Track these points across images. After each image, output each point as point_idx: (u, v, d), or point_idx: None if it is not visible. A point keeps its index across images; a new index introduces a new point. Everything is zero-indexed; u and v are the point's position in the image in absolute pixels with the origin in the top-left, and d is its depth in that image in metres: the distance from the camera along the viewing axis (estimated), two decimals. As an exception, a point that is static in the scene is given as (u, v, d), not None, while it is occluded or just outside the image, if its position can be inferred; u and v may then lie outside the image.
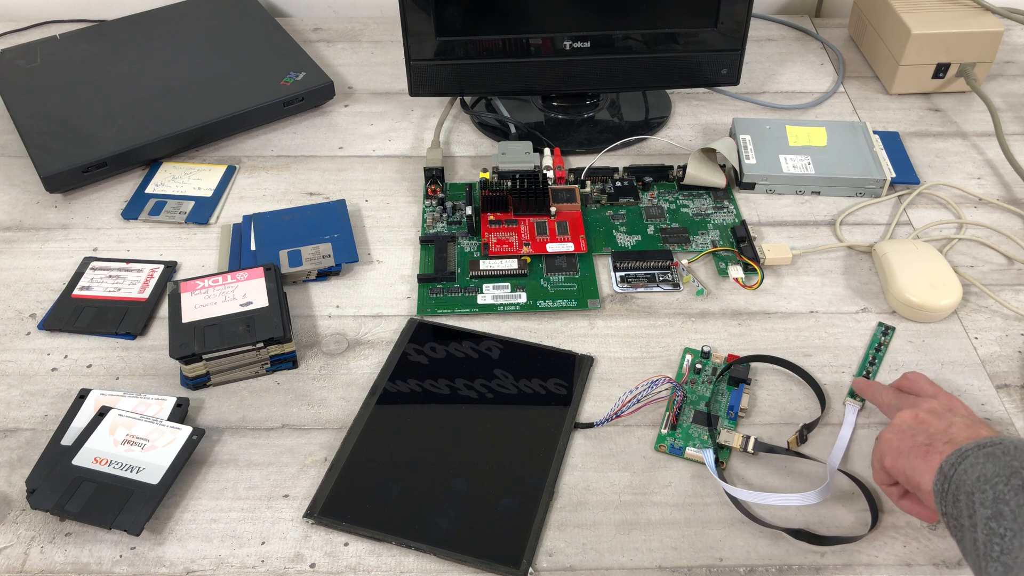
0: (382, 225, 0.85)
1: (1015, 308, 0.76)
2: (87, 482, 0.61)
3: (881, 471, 0.58)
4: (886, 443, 0.57)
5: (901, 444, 0.56)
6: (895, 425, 0.58)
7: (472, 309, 0.76)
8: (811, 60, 1.09)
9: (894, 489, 0.59)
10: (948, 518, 0.51)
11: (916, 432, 0.56)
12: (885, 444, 0.57)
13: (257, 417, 0.68)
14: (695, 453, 0.65)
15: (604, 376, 0.71)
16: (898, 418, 0.58)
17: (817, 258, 0.81)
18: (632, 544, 0.60)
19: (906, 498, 0.58)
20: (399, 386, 0.70)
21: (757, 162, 0.88)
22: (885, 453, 0.57)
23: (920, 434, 0.56)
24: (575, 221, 0.83)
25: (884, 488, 0.59)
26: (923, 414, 0.58)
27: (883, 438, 0.58)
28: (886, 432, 0.58)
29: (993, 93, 1.02)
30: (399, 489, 0.62)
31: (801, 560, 0.59)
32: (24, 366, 0.72)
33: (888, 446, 0.57)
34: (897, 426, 0.58)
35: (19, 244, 0.83)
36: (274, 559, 0.59)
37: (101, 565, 0.59)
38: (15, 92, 0.96)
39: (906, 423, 0.57)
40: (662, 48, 0.89)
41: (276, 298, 0.72)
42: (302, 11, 1.19)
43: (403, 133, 0.97)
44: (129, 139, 0.89)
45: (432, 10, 0.85)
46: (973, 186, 0.89)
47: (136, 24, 1.07)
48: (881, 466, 0.58)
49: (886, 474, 0.58)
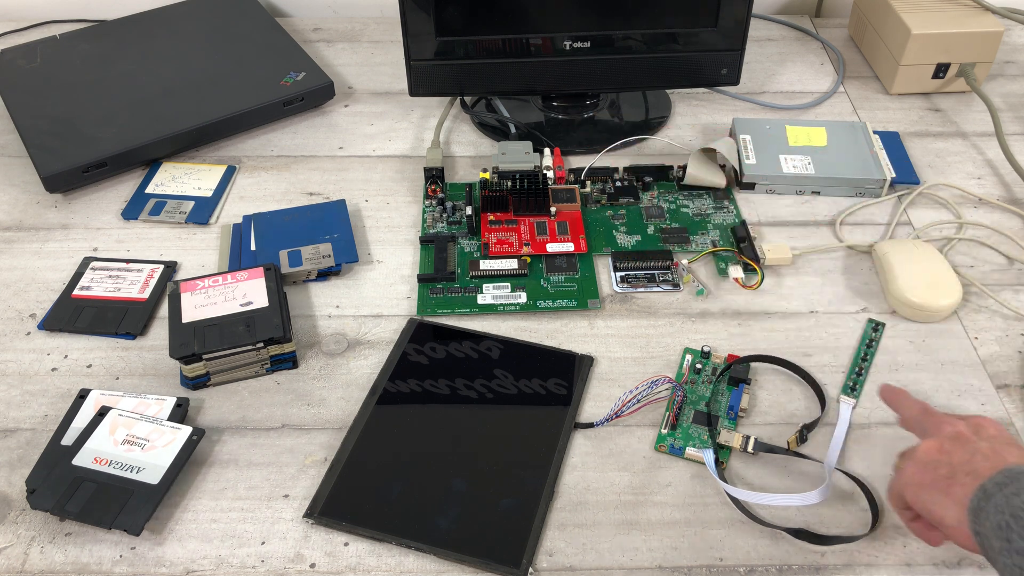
0: (382, 225, 0.85)
1: (1015, 308, 0.76)
2: (87, 482, 0.61)
3: (899, 500, 0.57)
4: (908, 476, 0.55)
5: (923, 479, 0.54)
6: (918, 459, 0.55)
7: (472, 309, 0.76)
8: (811, 60, 1.09)
9: (907, 512, 0.57)
10: (981, 537, 0.49)
11: (939, 465, 0.54)
12: (908, 478, 0.55)
13: (257, 417, 0.68)
14: (695, 453, 0.65)
15: (604, 376, 0.71)
16: (921, 450, 0.56)
17: (817, 258, 0.81)
18: (632, 544, 0.60)
19: (918, 521, 0.57)
20: (399, 386, 0.70)
21: (757, 162, 0.88)
22: (906, 487, 0.55)
23: (942, 467, 0.54)
24: (575, 221, 0.83)
25: (897, 511, 0.58)
26: (947, 443, 0.55)
27: (905, 472, 0.56)
28: (909, 466, 0.56)
29: (993, 93, 1.02)
30: (399, 489, 0.62)
31: (801, 560, 0.59)
32: (24, 366, 0.72)
33: (910, 481, 0.55)
34: (920, 460, 0.55)
35: (19, 244, 0.83)
36: (274, 559, 0.59)
37: (101, 565, 0.59)
38: (15, 92, 0.96)
39: (930, 457, 0.55)
40: (662, 48, 0.89)
41: (276, 298, 0.72)
42: (302, 11, 1.19)
43: (403, 133, 0.97)
44: (129, 139, 0.89)
45: (432, 10, 0.85)
46: (973, 186, 0.89)
47: (136, 24, 1.07)
48: (900, 497, 0.56)
49: (903, 501, 0.56)
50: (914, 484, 0.54)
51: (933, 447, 0.55)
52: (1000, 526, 0.47)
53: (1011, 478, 0.49)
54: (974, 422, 0.56)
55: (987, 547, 0.48)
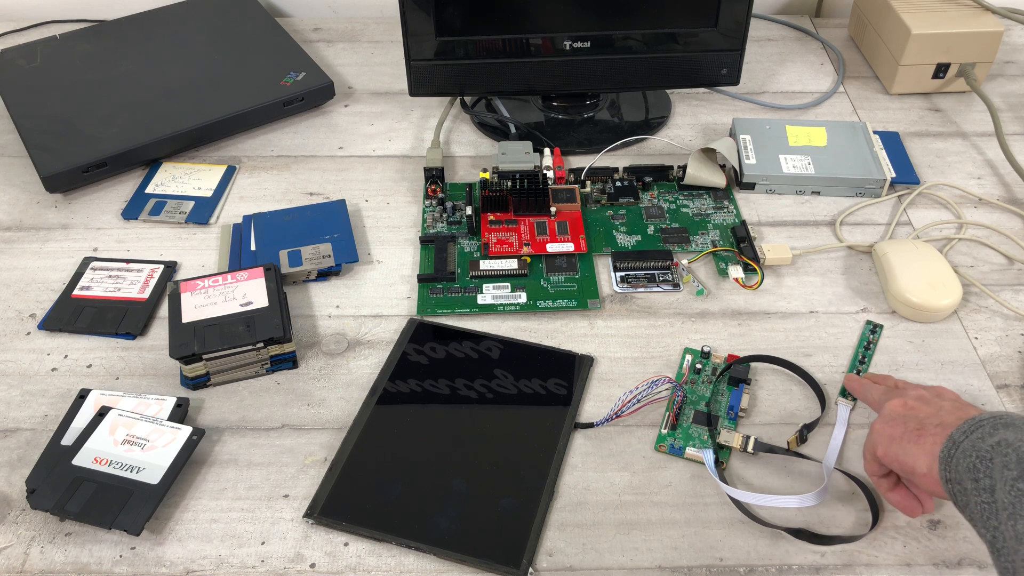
0: (382, 225, 0.85)
1: (1015, 308, 0.76)
2: (87, 482, 0.61)
3: (873, 461, 0.59)
4: (878, 433, 0.58)
5: (893, 432, 0.57)
6: (885, 415, 0.59)
7: (472, 309, 0.76)
8: (811, 60, 1.09)
9: (884, 481, 0.60)
10: (952, 484, 0.52)
11: (907, 419, 0.57)
12: (877, 434, 0.58)
13: (257, 417, 0.68)
14: (695, 453, 0.65)
15: (604, 376, 0.71)
16: (887, 407, 0.59)
17: (817, 258, 0.81)
18: (632, 544, 0.60)
19: (895, 491, 0.59)
20: (399, 386, 0.70)
21: (757, 162, 0.88)
22: (877, 443, 0.58)
23: (911, 420, 0.57)
24: (575, 221, 0.83)
25: (875, 479, 0.60)
26: (912, 401, 0.59)
27: (874, 428, 0.59)
28: (877, 422, 0.59)
29: (993, 93, 1.02)
30: (399, 489, 0.62)
31: (801, 560, 0.59)
32: (24, 366, 0.72)
33: (880, 435, 0.58)
34: (887, 415, 0.58)
35: (19, 244, 0.83)
36: (274, 559, 0.59)
37: (101, 565, 0.59)
38: (15, 92, 0.96)
39: (896, 412, 0.58)
40: (662, 48, 0.89)
41: (276, 298, 0.72)
42: (302, 11, 1.19)
43: (403, 133, 0.97)
44: (129, 139, 0.89)
45: (432, 10, 0.85)
46: (973, 186, 0.89)
47: (136, 24, 1.07)
48: (873, 456, 0.59)
49: (878, 464, 0.59)
50: (885, 438, 0.57)
51: (898, 404, 0.59)
52: (969, 468, 0.50)
53: (976, 425, 0.52)
54: (935, 389, 0.61)
55: (958, 492, 0.51)
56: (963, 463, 0.51)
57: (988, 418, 0.52)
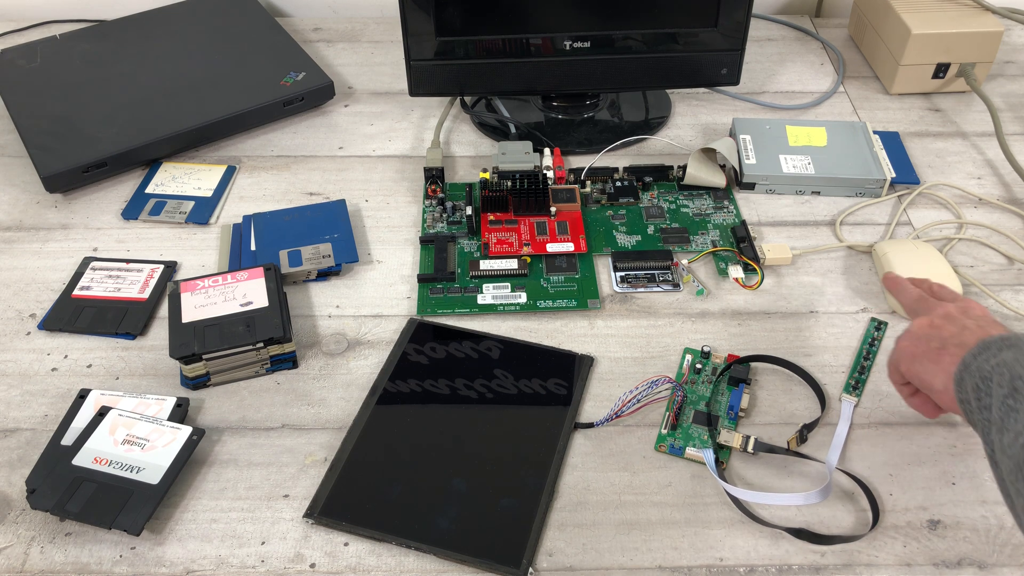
0: (382, 225, 0.85)
1: (1015, 308, 0.76)
2: (87, 482, 0.61)
3: (896, 373, 0.63)
4: (902, 350, 0.61)
5: (916, 350, 0.60)
6: (910, 333, 0.61)
7: (472, 309, 0.76)
8: (811, 60, 1.09)
9: (905, 388, 0.63)
10: (963, 403, 0.55)
11: (930, 339, 0.59)
12: (901, 351, 0.61)
13: (257, 417, 0.68)
14: (695, 453, 0.65)
15: (604, 376, 0.71)
16: (914, 325, 0.62)
17: (817, 258, 0.81)
18: (632, 544, 0.60)
19: (916, 396, 0.63)
20: (399, 386, 0.70)
21: (757, 162, 0.88)
22: (901, 359, 0.61)
23: (933, 340, 0.59)
24: (575, 221, 0.83)
25: (897, 387, 0.64)
26: (938, 320, 0.61)
27: (899, 345, 0.62)
28: (902, 339, 0.62)
29: (993, 93, 1.02)
30: (399, 489, 0.62)
31: (801, 560, 0.59)
32: (24, 366, 0.72)
33: (903, 353, 0.61)
34: (913, 333, 0.61)
35: (19, 244, 0.83)
36: (274, 559, 0.59)
37: (101, 565, 0.59)
38: (15, 92, 0.96)
39: (921, 331, 0.61)
40: (662, 48, 0.89)
41: (276, 298, 0.72)
42: (302, 11, 1.19)
43: (403, 133, 0.97)
44: (129, 139, 0.89)
45: (432, 10, 0.85)
46: (973, 186, 0.89)
47: (136, 24, 1.07)
48: (896, 369, 0.62)
49: (900, 375, 0.63)
50: (908, 355, 0.60)
51: (924, 323, 0.61)
52: (974, 388, 0.53)
53: (985, 347, 0.54)
54: (962, 304, 0.62)
55: (968, 411, 0.54)
56: (969, 383, 0.54)
57: (997, 339, 0.54)
